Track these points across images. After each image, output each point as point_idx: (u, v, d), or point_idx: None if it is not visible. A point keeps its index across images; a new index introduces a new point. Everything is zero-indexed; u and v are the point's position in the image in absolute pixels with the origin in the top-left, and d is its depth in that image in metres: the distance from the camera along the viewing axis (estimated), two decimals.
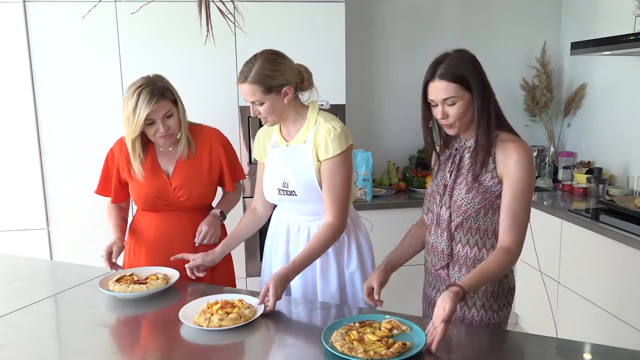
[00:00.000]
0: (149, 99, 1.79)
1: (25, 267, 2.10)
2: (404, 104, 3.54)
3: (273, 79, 1.69)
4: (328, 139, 1.72)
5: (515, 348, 1.40)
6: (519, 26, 3.65)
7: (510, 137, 1.52)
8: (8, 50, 2.73)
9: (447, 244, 1.58)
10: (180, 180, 1.96)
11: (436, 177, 1.66)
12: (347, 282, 1.88)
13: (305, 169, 1.77)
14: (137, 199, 2.00)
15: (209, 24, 1.54)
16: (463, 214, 1.54)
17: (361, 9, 3.46)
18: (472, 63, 1.49)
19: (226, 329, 1.43)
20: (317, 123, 1.77)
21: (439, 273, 1.63)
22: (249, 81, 1.68)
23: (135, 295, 1.67)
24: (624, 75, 3.11)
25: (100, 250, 1.90)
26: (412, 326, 1.40)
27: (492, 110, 1.50)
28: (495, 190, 1.51)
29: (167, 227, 1.99)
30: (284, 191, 1.81)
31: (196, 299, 1.60)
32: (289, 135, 1.84)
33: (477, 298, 1.57)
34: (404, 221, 2.22)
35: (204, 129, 2.05)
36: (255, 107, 1.73)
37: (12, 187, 2.83)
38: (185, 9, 2.74)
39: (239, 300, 1.57)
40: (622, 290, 2.40)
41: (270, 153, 1.87)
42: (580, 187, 3.14)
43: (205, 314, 1.48)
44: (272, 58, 1.71)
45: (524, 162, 1.46)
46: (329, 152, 1.73)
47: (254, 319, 1.50)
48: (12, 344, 1.42)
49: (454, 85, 1.45)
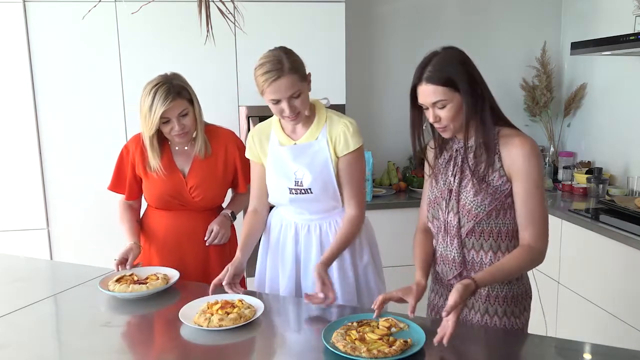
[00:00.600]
0: (164, 97, 1.80)
1: (25, 267, 2.10)
2: (404, 104, 3.47)
3: (303, 66, 1.70)
4: (347, 133, 1.74)
5: (515, 348, 1.40)
6: (519, 26, 3.65)
7: (512, 131, 1.47)
8: (8, 50, 2.73)
9: (459, 252, 1.51)
10: (196, 180, 1.96)
11: (438, 181, 1.58)
12: (360, 275, 1.88)
13: (322, 165, 1.76)
14: (151, 197, 2.01)
15: (209, 24, 1.54)
16: (474, 219, 1.47)
17: (361, 9, 3.46)
18: (460, 62, 1.43)
19: (226, 329, 1.43)
20: (329, 119, 1.78)
21: (452, 283, 1.53)
22: (287, 72, 1.63)
23: (135, 295, 1.67)
24: (624, 75, 3.11)
25: (100, 250, 1.90)
26: (409, 324, 1.41)
27: (487, 107, 1.44)
28: (504, 189, 1.45)
29: (178, 226, 2.00)
30: (297, 190, 1.77)
31: (196, 299, 1.60)
32: (294, 134, 1.81)
33: (498, 305, 1.51)
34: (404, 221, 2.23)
35: (220, 130, 2.06)
36: (291, 102, 1.67)
37: (12, 187, 2.83)
38: (185, 9, 2.74)
39: (239, 300, 1.57)
40: (622, 290, 2.40)
41: (274, 153, 1.82)
42: (580, 187, 3.14)
43: (205, 314, 1.48)
44: (289, 49, 1.71)
45: (532, 156, 1.41)
46: (349, 146, 1.75)
47: (254, 318, 1.50)
48: (12, 344, 1.42)
49: (442, 88, 1.40)
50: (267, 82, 1.63)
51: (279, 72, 1.62)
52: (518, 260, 1.41)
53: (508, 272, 1.41)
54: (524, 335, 1.52)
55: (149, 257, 2.03)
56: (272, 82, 1.63)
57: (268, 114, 2.94)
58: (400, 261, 2.77)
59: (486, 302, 1.52)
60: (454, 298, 1.28)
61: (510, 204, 1.47)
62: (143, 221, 2.09)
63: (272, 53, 1.68)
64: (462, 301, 1.30)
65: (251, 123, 2.95)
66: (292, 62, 1.65)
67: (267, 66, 1.64)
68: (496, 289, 1.51)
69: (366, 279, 1.89)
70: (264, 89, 1.66)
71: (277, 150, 1.82)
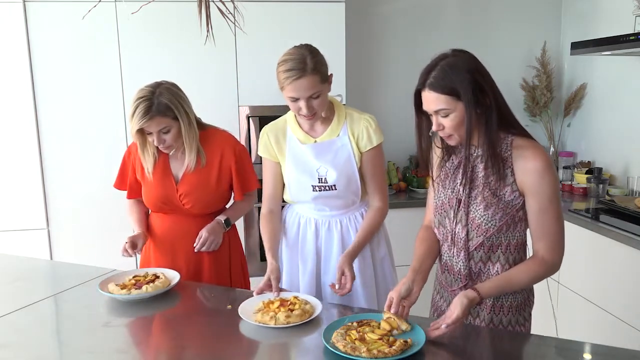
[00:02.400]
0: (142, 115, 1.76)
1: (25, 267, 2.10)
2: (403, 104, 3.49)
3: (326, 67, 1.71)
4: (370, 129, 1.80)
5: (515, 348, 1.40)
6: (519, 26, 3.65)
7: (526, 142, 1.41)
8: (8, 50, 2.73)
9: (465, 265, 1.46)
10: (187, 188, 1.93)
11: (445, 187, 1.51)
12: (377, 266, 1.93)
13: (346, 161, 1.80)
14: (147, 201, 2.01)
15: (209, 24, 1.54)
16: (484, 234, 1.42)
17: (361, 9, 3.46)
18: (468, 70, 1.34)
19: (291, 325, 1.44)
20: (349, 116, 1.82)
21: (456, 293, 1.44)
22: (309, 72, 1.63)
23: (135, 297, 1.66)
24: (624, 75, 3.11)
25: (100, 250, 1.90)
26: (411, 324, 1.40)
27: (493, 117, 1.37)
28: (516, 203, 1.40)
29: (173, 230, 1.99)
30: (321, 187, 1.80)
31: (251, 298, 1.61)
32: (313, 131, 1.83)
33: (503, 315, 1.49)
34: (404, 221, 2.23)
35: (217, 134, 2.00)
36: (310, 102, 1.68)
37: (12, 187, 2.83)
38: (185, 9, 2.74)
39: (294, 297, 1.58)
40: (622, 290, 2.40)
41: (294, 151, 1.82)
42: (580, 187, 3.14)
43: (269, 313, 1.48)
44: (314, 48, 1.72)
45: (546, 172, 1.36)
46: (372, 141, 1.80)
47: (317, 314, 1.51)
48: (12, 344, 1.42)
49: (445, 97, 1.34)
50: (288, 80, 1.64)
51: (301, 72, 1.63)
52: (529, 273, 1.39)
53: (517, 285, 1.40)
54: (524, 335, 1.51)
55: (147, 258, 2.03)
56: (293, 81, 1.64)
57: (268, 114, 2.96)
58: (400, 261, 2.76)
59: (491, 312, 1.50)
60: (456, 314, 1.27)
61: (521, 217, 1.43)
62: (148, 223, 2.08)
63: (297, 50, 1.68)
64: (465, 316, 1.30)
65: (251, 123, 2.95)
66: (316, 62, 1.66)
67: (289, 64, 1.64)
68: (501, 299, 1.49)
69: (382, 270, 1.94)
70: (284, 85, 1.67)
71: (297, 148, 1.82)
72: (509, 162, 1.40)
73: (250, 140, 2.97)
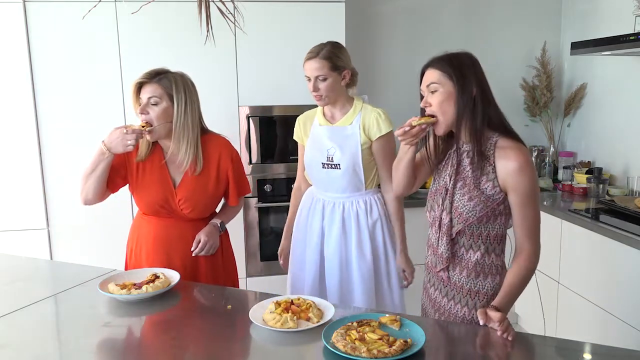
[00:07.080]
0: (147, 74, 1.87)
1: (25, 267, 2.10)
2: (403, 104, 3.51)
3: (339, 59, 2.01)
4: (379, 119, 2.04)
5: (515, 348, 1.40)
6: (519, 26, 3.65)
7: (509, 143, 1.51)
8: (8, 50, 2.73)
9: (446, 248, 1.57)
10: (186, 193, 1.93)
11: (440, 175, 1.64)
12: (380, 256, 2.12)
13: (352, 146, 2.05)
14: (141, 203, 1.98)
15: (209, 24, 1.54)
16: (464, 222, 1.53)
17: (361, 9, 3.46)
18: (468, 65, 1.51)
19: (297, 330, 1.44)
20: (363, 109, 2.08)
21: (440, 275, 1.63)
22: (319, 57, 1.98)
23: (135, 297, 1.66)
24: (624, 75, 3.11)
25: (100, 250, 1.89)
26: (407, 323, 1.41)
27: (479, 113, 1.49)
28: (497, 198, 1.50)
29: (167, 234, 1.97)
30: (328, 165, 2.08)
31: (264, 300, 1.59)
32: (332, 118, 2.13)
33: (478, 300, 1.57)
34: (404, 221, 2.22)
35: (214, 139, 2.00)
36: (316, 83, 2.00)
37: (12, 187, 2.83)
38: (185, 9, 2.74)
39: (307, 305, 1.56)
40: (622, 290, 2.40)
41: (314, 131, 2.15)
42: (580, 187, 3.14)
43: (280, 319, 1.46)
44: (339, 45, 2.06)
45: (526, 169, 1.47)
46: (381, 130, 2.03)
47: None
48: (12, 344, 1.42)
49: (439, 72, 1.50)
50: (304, 60, 2.03)
51: (314, 55, 2.00)
52: (520, 270, 1.50)
53: (519, 284, 1.49)
54: (524, 335, 1.52)
55: (140, 261, 1.99)
56: (306, 60, 2.02)
57: (269, 114, 2.96)
58: None
59: (470, 296, 1.59)
60: (498, 315, 1.38)
61: (501, 211, 1.53)
62: (133, 226, 2.07)
63: (323, 43, 2.03)
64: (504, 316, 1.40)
65: (251, 123, 2.95)
66: (330, 52, 1.99)
67: (312, 48, 2.02)
68: (477, 286, 1.57)
69: (387, 259, 2.13)
70: (303, 64, 2.03)
71: (316, 129, 2.14)
72: (491, 160, 1.51)
73: (250, 141, 2.97)
